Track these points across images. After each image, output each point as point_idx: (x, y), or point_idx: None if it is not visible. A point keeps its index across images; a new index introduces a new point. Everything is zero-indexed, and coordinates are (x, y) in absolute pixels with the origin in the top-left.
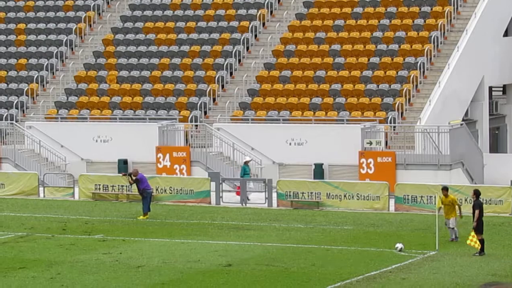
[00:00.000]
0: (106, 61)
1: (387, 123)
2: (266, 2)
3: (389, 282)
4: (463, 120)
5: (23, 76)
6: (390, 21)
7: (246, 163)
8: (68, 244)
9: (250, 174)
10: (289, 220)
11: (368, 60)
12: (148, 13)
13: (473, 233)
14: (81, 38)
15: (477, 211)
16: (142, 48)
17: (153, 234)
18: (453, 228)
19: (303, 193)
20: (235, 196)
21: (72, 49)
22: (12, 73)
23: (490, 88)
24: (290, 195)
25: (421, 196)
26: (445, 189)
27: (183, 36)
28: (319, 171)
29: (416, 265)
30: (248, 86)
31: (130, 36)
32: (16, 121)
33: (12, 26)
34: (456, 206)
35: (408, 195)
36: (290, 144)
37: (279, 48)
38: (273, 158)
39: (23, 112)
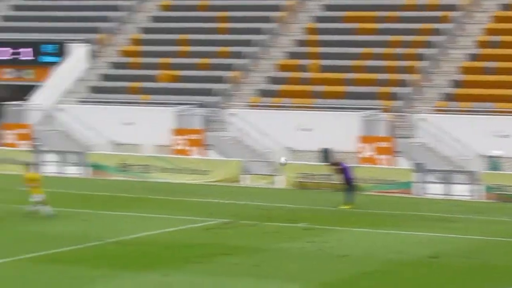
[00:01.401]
0: (307, 50)
1: None
2: None
3: None
4: None
5: (225, 63)
6: None
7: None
8: (272, 231)
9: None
10: (495, 213)
11: None
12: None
13: None
14: (282, 26)
15: None
16: (344, 38)
17: (356, 224)
18: None
19: (510, 186)
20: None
21: (272, 37)
22: (214, 60)
23: None
24: (497, 189)
25: None
26: None
27: (384, 26)
28: None
29: None
30: (450, 77)
31: (332, 25)
32: (221, 108)
33: (214, 14)
34: None
35: None
36: None
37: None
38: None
39: (226, 99)
